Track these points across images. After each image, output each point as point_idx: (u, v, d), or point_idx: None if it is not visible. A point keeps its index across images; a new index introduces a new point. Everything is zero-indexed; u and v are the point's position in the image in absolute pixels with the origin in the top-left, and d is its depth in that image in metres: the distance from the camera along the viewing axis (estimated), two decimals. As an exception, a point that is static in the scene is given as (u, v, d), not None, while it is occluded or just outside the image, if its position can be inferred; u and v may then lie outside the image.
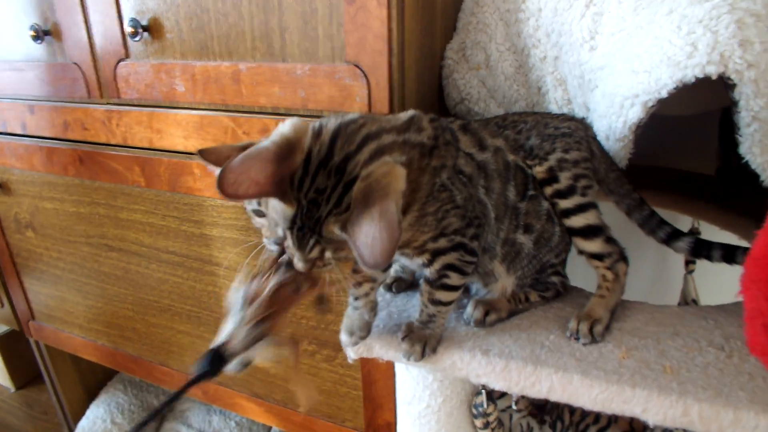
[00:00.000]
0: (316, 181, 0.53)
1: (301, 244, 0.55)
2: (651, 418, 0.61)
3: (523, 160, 0.71)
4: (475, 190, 0.66)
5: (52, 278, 1.50)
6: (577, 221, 0.71)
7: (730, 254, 0.73)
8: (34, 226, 1.45)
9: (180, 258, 1.21)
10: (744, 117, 0.65)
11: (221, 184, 0.51)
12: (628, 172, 0.93)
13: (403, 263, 0.74)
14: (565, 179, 0.69)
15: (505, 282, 0.74)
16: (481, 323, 0.72)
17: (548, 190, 0.70)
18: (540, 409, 1.03)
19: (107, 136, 1.15)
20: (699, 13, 0.62)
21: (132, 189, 1.19)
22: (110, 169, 1.19)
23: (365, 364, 1.06)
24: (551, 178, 0.70)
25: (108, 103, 1.12)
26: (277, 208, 0.55)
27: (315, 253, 0.55)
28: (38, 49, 1.18)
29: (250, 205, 0.71)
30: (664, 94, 0.65)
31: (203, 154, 0.64)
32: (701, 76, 0.62)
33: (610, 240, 0.72)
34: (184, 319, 1.29)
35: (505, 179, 0.69)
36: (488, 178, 0.67)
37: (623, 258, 0.74)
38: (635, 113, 0.66)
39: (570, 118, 0.77)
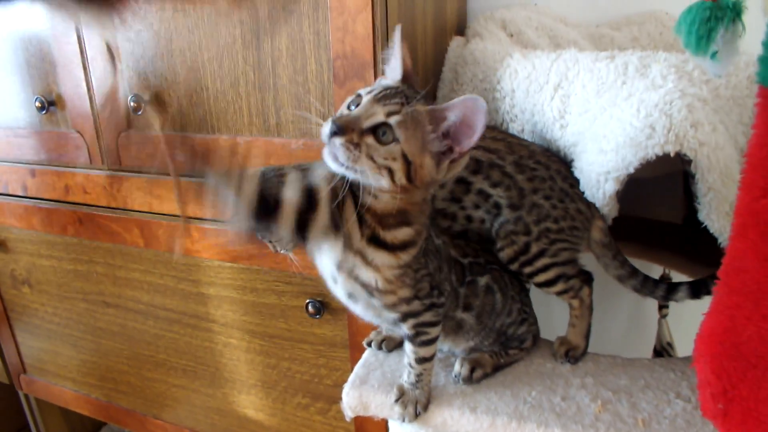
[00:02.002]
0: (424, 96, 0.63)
1: (383, 98, 0.59)
2: (626, 469, 0.67)
3: (461, 254, 0.77)
4: (437, 265, 0.71)
5: (46, 333, 1.53)
6: (538, 279, 0.79)
7: None
8: (30, 282, 1.48)
9: (177, 315, 1.25)
10: (701, 188, 0.73)
11: None
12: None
13: (371, 317, 0.74)
14: (536, 247, 0.76)
15: (452, 346, 0.80)
16: (468, 380, 0.77)
17: (515, 264, 0.78)
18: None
19: (108, 200, 1.21)
20: (654, 98, 0.71)
21: (130, 249, 1.24)
22: (110, 231, 1.24)
23: (357, 417, 1.10)
24: (523, 251, 0.77)
25: (110, 170, 1.18)
26: (385, 80, 0.64)
27: (387, 109, 0.58)
28: (42, 118, 1.23)
29: None
30: (631, 170, 0.72)
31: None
32: (661, 154, 0.70)
33: (569, 277, 0.80)
34: (180, 374, 1.32)
35: (449, 267, 0.75)
36: (440, 260, 0.73)
37: (586, 282, 0.82)
38: (611, 186, 0.74)
39: None
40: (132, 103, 1.06)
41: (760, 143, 0.48)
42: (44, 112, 1.20)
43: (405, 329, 0.71)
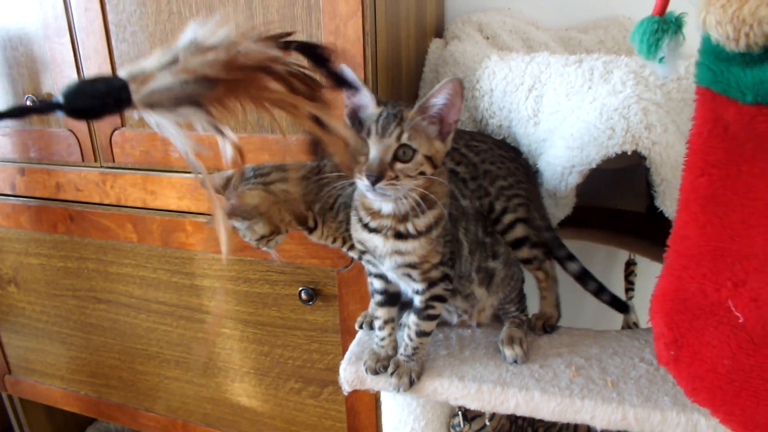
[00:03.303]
0: (398, 102, 0.73)
1: (384, 130, 0.68)
2: (598, 424, 0.75)
3: (480, 205, 0.88)
4: (456, 232, 0.80)
5: (34, 331, 1.55)
6: (508, 237, 0.89)
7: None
8: (17, 281, 1.50)
9: (170, 308, 1.29)
10: (655, 179, 0.82)
11: None
12: (570, 212, 1.08)
13: (403, 287, 0.84)
14: (499, 205, 0.87)
15: (485, 302, 0.89)
16: (525, 355, 0.84)
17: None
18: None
19: (101, 196, 1.24)
20: (615, 102, 0.80)
21: (123, 244, 1.28)
22: (102, 227, 1.28)
23: (349, 398, 1.17)
24: (489, 210, 0.88)
25: (102, 167, 1.22)
26: (366, 114, 0.71)
27: (394, 136, 0.68)
28: (32, 117, 1.26)
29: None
30: (593, 165, 0.82)
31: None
32: (619, 152, 0.80)
33: (534, 245, 0.90)
34: (173, 366, 1.36)
35: (477, 221, 0.85)
36: (468, 221, 0.83)
37: (547, 255, 0.92)
38: (573, 179, 0.83)
39: (513, 149, 0.97)
40: (127, 103, 1.11)
41: (698, 132, 0.58)
42: (36, 112, 1.23)
43: (417, 302, 0.80)
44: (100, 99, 0.44)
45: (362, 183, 0.69)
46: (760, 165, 0.52)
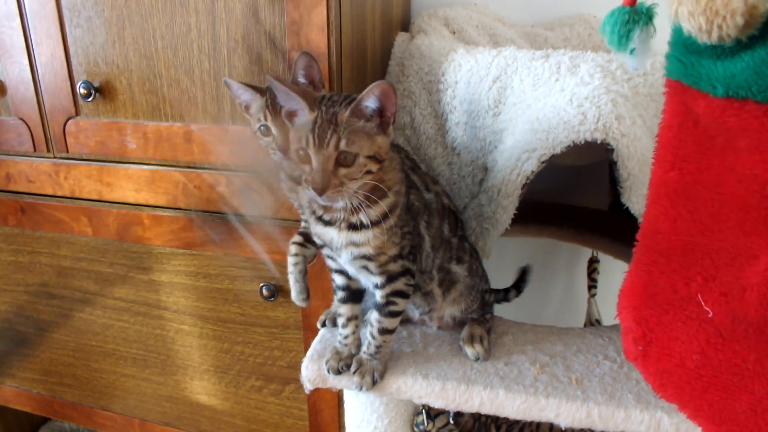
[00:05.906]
0: (331, 100, 0.70)
1: (321, 140, 0.66)
2: (562, 422, 0.75)
3: (454, 205, 0.85)
4: (417, 224, 0.79)
5: (-18, 329, 1.48)
6: None
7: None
8: (-37, 277, 1.43)
9: (127, 303, 1.25)
10: (622, 173, 0.82)
11: None
12: (533, 210, 1.07)
13: (363, 281, 0.82)
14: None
15: (444, 308, 0.87)
16: (487, 353, 0.84)
17: None
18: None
19: (54, 188, 1.19)
20: (585, 91, 0.79)
21: (77, 238, 1.23)
22: (55, 220, 1.22)
23: (311, 396, 1.15)
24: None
25: (56, 157, 1.17)
26: (302, 121, 0.70)
27: (332, 145, 0.66)
28: (-21, 104, 1.20)
29: (258, 123, 0.83)
30: (558, 150, 0.80)
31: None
32: (590, 140, 0.78)
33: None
34: (130, 363, 1.32)
35: (442, 217, 0.83)
36: (431, 215, 0.81)
37: None
38: (530, 165, 0.81)
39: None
40: (82, 90, 1.06)
41: (667, 125, 0.57)
42: (-17, 98, 1.17)
43: (378, 297, 0.78)
44: None
45: (310, 193, 0.68)
46: (729, 159, 0.52)
